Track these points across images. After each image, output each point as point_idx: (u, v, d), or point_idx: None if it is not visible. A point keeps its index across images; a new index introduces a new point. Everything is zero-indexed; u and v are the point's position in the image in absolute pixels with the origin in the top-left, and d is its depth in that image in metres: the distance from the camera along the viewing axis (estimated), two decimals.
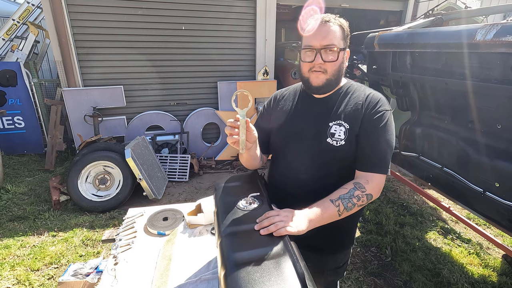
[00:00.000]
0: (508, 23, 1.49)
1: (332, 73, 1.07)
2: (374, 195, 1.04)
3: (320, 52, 1.04)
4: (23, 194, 3.56)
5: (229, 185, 1.18)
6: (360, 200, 1.00)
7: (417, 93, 2.35)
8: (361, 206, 1.03)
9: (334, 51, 1.04)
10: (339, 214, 0.99)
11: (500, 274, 2.43)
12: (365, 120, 1.07)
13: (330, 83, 1.09)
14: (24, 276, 2.29)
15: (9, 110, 4.39)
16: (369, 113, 1.07)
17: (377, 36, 2.50)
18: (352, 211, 1.01)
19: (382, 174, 1.06)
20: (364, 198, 1.01)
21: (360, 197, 1.00)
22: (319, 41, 1.03)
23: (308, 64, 1.07)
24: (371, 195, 1.03)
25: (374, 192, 1.04)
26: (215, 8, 4.33)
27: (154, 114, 4.49)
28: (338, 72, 1.09)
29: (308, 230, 0.92)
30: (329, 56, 1.04)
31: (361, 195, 1.01)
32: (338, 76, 1.10)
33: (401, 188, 3.93)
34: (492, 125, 1.77)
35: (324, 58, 1.04)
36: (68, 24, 3.81)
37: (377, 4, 5.29)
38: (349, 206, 0.99)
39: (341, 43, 1.06)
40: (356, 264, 2.53)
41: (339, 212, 0.99)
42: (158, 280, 1.18)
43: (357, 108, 1.09)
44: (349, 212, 1.01)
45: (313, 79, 1.08)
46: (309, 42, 1.05)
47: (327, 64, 1.05)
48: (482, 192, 1.83)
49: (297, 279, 0.70)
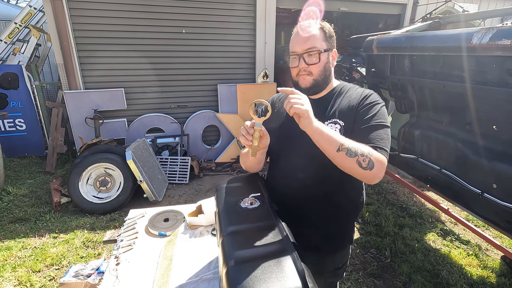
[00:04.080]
0: (503, 27, 1.52)
1: (318, 74, 1.12)
2: (375, 169, 0.96)
3: (303, 56, 1.09)
4: (24, 196, 3.57)
5: (230, 186, 1.20)
6: (362, 157, 0.95)
7: (415, 95, 2.37)
8: (359, 164, 0.95)
9: (316, 54, 1.09)
10: (339, 148, 0.95)
11: (499, 275, 2.45)
12: (359, 113, 1.09)
13: (318, 84, 1.14)
14: (25, 277, 2.30)
15: (10, 112, 4.42)
16: (362, 106, 1.10)
17: (376, 40, 2.53)
18: (349, 159, 0.95)
19: (384, 152, 1.01)
20: (367, 161, 0.95)
21: (365, 156, 0.95)
22: (301, 46, 1.09)
23: (295, 69, 1.14)
24: (373, 164, 0.95)
25: (377, 165, 0.96)
26: (215, 12, 4.38)
27: (155, 116, 4.52)
28: (324, 73, 1.13)
29: (315, 129, 0.94)
30: (312, 59, 1.09)
31: (366, 156, 0.95)
32: (325, 76, 1.14)
33: (400, 190, 3.94)
34: (489, 127, 1.80)
35: (308, 61, 1.10)
36: (69, 27, 3.85)
37: (376, 8, 5.33)
38: (352, 152, 0.95)
39: (323, 44, 1.10)
40: (356, 266, 2.54)
41: (341, 147, 0.95)
42: (160, 280, 1.20)
43: (351, 105, 1.12)
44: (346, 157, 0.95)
45: (301, 82, 1.14)
46: (293, 48, 1.12)
47: (311, 66, 1.10)
48: (480, 194, 1.84)
49: (297, 276, 0.72)
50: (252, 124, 1.01)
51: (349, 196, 1.22)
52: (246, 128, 1.02)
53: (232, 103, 4.74)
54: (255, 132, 1.00)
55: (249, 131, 1.01)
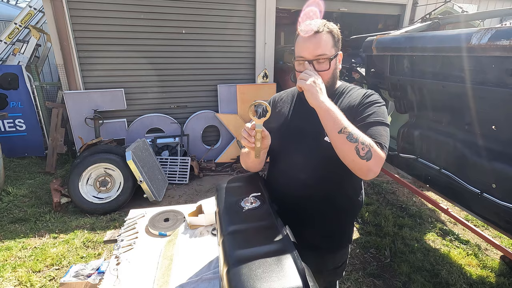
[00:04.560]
0: (502, 27, 1.52)
1: (326, 80, 1.10)
2: (372, 162, 0.94)
3: (313, 63, 1.07)
4: (24, 196, 3.57)
5: (231, 185, 1.20)
6: (361, 146, 0.93)
7: (414, 96, 2.38)
8: (357, 152, 0.94)
9: (326, 61, 1.07)
10: (341, 130, 0.94)
11: (498, 275, 2.45)
12: (359, 111, 1.08)
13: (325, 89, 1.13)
14: (25, 278, 2.30)
15: (10, 113, 4.42)
16: (362, 104, 1.09)
17: (375, 40, 2.53)
18: (348, 143, 0.94)
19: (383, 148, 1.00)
20: (365, 150, 0.93)
21: (364, 145, 0.94)
22: (311, 52, 1.06)
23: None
24: (370, 154, 0.94)
25: (374, 157, 0.94)
26: (215, 12, 4.38)
27: (155, 116, 4.52)
28: (332, 79, 1.13)
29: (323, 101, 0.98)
30: (321, 65, 1.07)
31: (365, 145, 0.94)
32: (332, 81, 1.14)
33: (400, 190, 3.95)
34: (488, 127, 1.80)
35: (317, 68, 1.07)
36: (69, 27, 3.85)
37: (375, 8, 5.34)
38: (353, 137, 0.94)
39: (333, 50, 1.08)
40: (356, 265, 2.54)
41: (342, 129, 0.94)
42: (160, 279, 1.20)
43: (352, 105, 1.11)
44: (345, 142, 0.94)
45: None
46: (301, 53, 1.08)
47: (320, 73, 1.07)
48: (480, 194, 1.85)
49: (297, 274, 0.72)
50: (253, 126, 1.01)
51: (348, 196, 1.22)
52: (247, 130, 1.01)
53: (232, 104, 4.74)
54: (257, 134, 1.00)
55: (251, 133, 1.01)
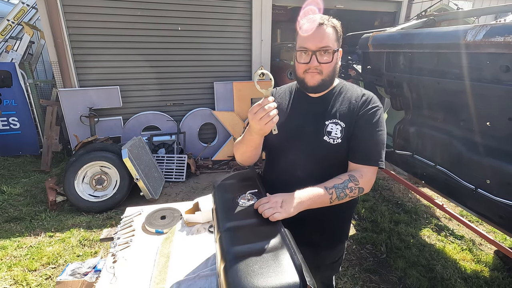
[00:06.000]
0: (497, 24, 1.53)
1: (327, 74, 1.11)
2: (366, 189, 1.09)
3: (316, 54, 1.06)
4: (18, 195, 3.54)
5: (228, 182, 1.20)
6: (352, 192, 1.06)
7: (410, 92, 2.39)
8: (352, 197, 1.08)
9: (329, 53, 1.07)
10: (331, 201, 1.04)
11: (492, 269, 2.49)
12: (360, 118, 1.12)
13: (325, 83, 1.13)
14: (21, 276, 2.28)
15: (4, 111, 4.37)
16: (363, 111, 1.12)
17: (371, 37, 2.54)
18: (342, 200, 1.06)
19: (375, 167, 1.11)
20: (356, 191, 1.06)
21: (353, 189, 1.06)
22: (315, 44, 1.06)
23: (303, 65, 1.10)
24: (362, 189, 1.08)
25: (366, 186, 1.10)
26: (211, 9, 4.35)
27: (151, 114, 4.50)
28: (332, 73, 1.13)
29: (297, 212, 0.97)
30: (324, 57, 1.07)
31: (354, 187, 1.06)
32: (332, 76, 1.14)
33: (396, 187, 3.98)
34: (483, 123, 1.82)
35: (320, 60, 1.07)
36: (63, 24, 3.80)
37: (372, 6, 5.35)
38: (341, 196, 1.04)
39: (335, 44, 1.09)
40: (352, 261, 2.56)
41: (331, 200, 1.04)
42: (157, 277, 1.20)
43: (352, 107, 1.13)
44: (339, 201, 1.06)
45: (309, 79, 1.11)
46: (304, 44, 1.07)
47: (322, 65, 1.08)
48: (474, 189, 1.87)
49: (294, 270, 0.73)
50: (266, 101, 0.96)
51: None
52: (264, 106, 0.95)
53: (229, 101, 4.73)
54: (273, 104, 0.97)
55: (270, 106, 0.95)
